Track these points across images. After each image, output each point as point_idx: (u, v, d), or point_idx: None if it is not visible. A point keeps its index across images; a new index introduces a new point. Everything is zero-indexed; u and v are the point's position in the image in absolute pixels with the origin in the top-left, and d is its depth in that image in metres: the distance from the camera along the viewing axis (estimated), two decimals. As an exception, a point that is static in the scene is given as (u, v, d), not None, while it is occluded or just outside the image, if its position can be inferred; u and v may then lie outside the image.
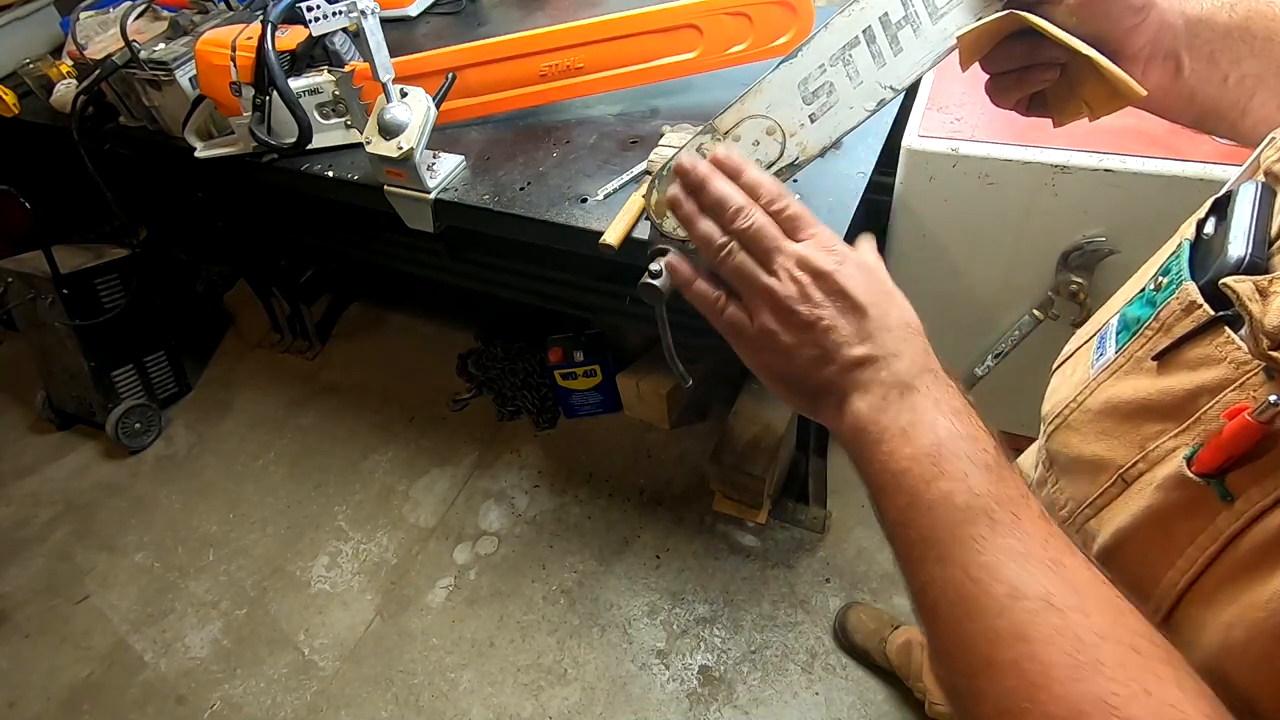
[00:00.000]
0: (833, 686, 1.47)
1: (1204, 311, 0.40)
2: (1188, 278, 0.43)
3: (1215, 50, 0.47)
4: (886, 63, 0.51)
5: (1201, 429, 0.40)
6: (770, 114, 0.53)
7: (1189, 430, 0.40)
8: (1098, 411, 0.48)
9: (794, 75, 0.52)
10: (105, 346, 2.03)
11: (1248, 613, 0.36)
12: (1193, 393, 0.40)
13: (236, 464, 2.08)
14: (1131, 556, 0.44)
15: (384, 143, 1.14)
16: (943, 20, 0.50)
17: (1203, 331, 0.40)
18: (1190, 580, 0.40)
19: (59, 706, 1.66)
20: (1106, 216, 1.15)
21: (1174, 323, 0.42)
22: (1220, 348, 0.39)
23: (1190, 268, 0.43)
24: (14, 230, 2.24)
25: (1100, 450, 0.46)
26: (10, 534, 2.00)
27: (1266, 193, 0.41)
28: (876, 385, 0.43)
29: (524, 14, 1.69)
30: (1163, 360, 0.43)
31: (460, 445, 2.01)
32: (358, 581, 1.78)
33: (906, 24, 0.50)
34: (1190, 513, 0.39)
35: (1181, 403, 0.41)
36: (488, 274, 1.63)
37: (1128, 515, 0.43)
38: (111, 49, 1.41)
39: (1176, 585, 0.40)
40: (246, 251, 2.09)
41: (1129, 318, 0.48)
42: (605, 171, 1.20)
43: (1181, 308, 0.42)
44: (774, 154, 0.54)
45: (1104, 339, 0.50)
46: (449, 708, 1.55)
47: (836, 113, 0.53)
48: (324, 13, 1.13)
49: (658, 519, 1.78)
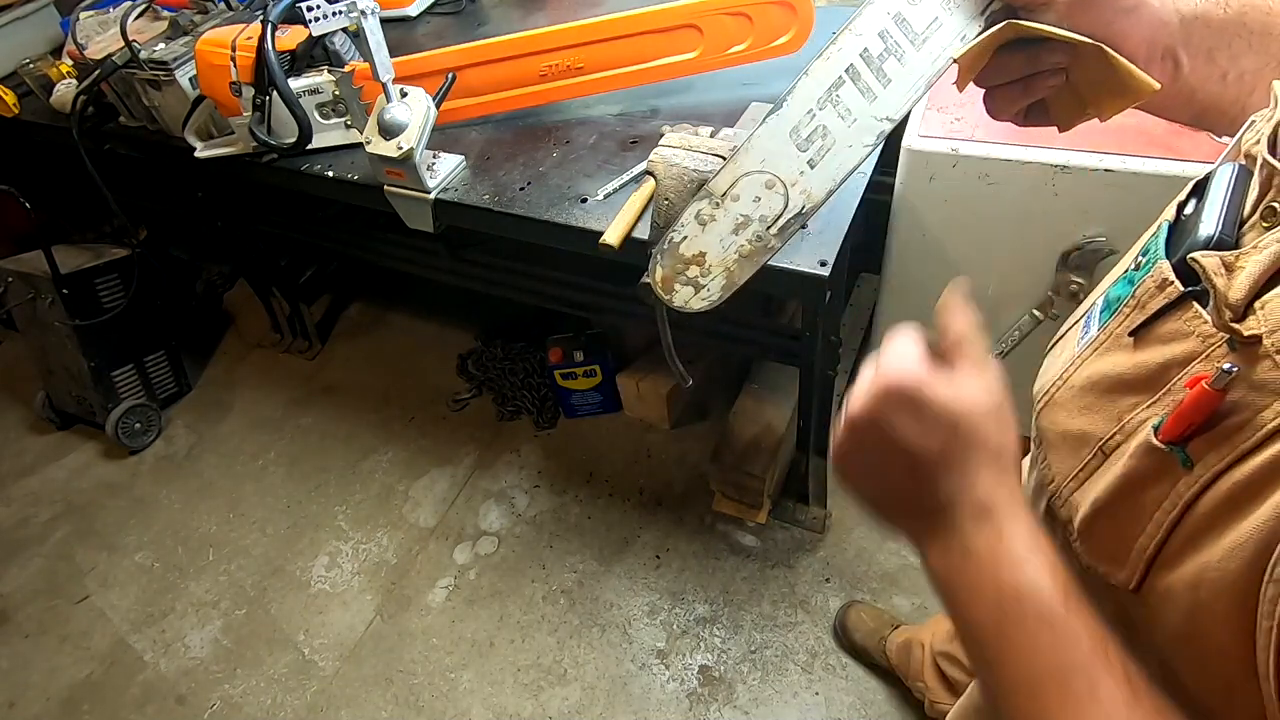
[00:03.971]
0: (833, 686, 1.47)
1: (1175, 288, 0.42)
2: (1162, 256, 0.44)
3: (1212, 47, 0.46)
4: (878, 96, 0.50)
5: (1170, 399, 0.41)
6: (766, 168, 0.52)
7: (1159, 401, 0.42)
8: (1080, 388, 0.48)
9: (783, 125, 0.51)
10: (105, 346, 2.03)
11: (1207, 573, 0.37)
12: (1164, 365, 0.41)
13: (236, 464, 2.08)
14: (1107, 526, 0.45)
15: (384, 143, 1.14)
16: (926, 45, 0.49)
17: (1174, 307, 0.42)
18: (1158, 546, 0.41)
19: (59, 706, 1.66)
20: (1106, 216, 1.15)
21: (1148, 299, 0.43)
22: (1189, 322, 0.40)
23: (1166, 247, 0.44)
24: (14, 230, 2.25)
25: (1083, 424, 0.47)
26: (10, 534, 2.00)
27: (1243, 173, 0.42)
28: (940, 534, 0.43)
29: (524, 14, 1.69)
30: (1138, 336, 0.44)
31: (460, 445, 2.01)
32: (358, 581, 1.78)
33: (890, 55, 0.49)
34: (1156, 480, 0.40)
35: (1154, 375, 0.42)
36: (488, 274, 1.63)
37: (1104, 486, 0.44)
38: (111, 49, 1.41)
39: (1146, 551, 0.41)
40: (246, 251, 2.09)
41: (1111, 297, 0.49)
42: (605, 171, 1.20)
43: (1155, 285, 0.43)
44: (778, 207, 0.53)
45: (1089, 319, 0.51)
46: (449, 708, 1.55)
47: (836, 154, 0.51)
48: (324, 13, 1.13)
49: (658, 519, 1.78)
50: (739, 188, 0.52)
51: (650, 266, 0.55)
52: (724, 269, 0.57)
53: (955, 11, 0.49)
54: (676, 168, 0.57)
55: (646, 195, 1.06)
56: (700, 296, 0.58)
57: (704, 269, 0.57)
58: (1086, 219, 1.16)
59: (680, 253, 0.56)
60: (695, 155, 0.58)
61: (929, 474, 0.42)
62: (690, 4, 1.19)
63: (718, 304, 0.59)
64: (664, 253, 0.55)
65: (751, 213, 0.53)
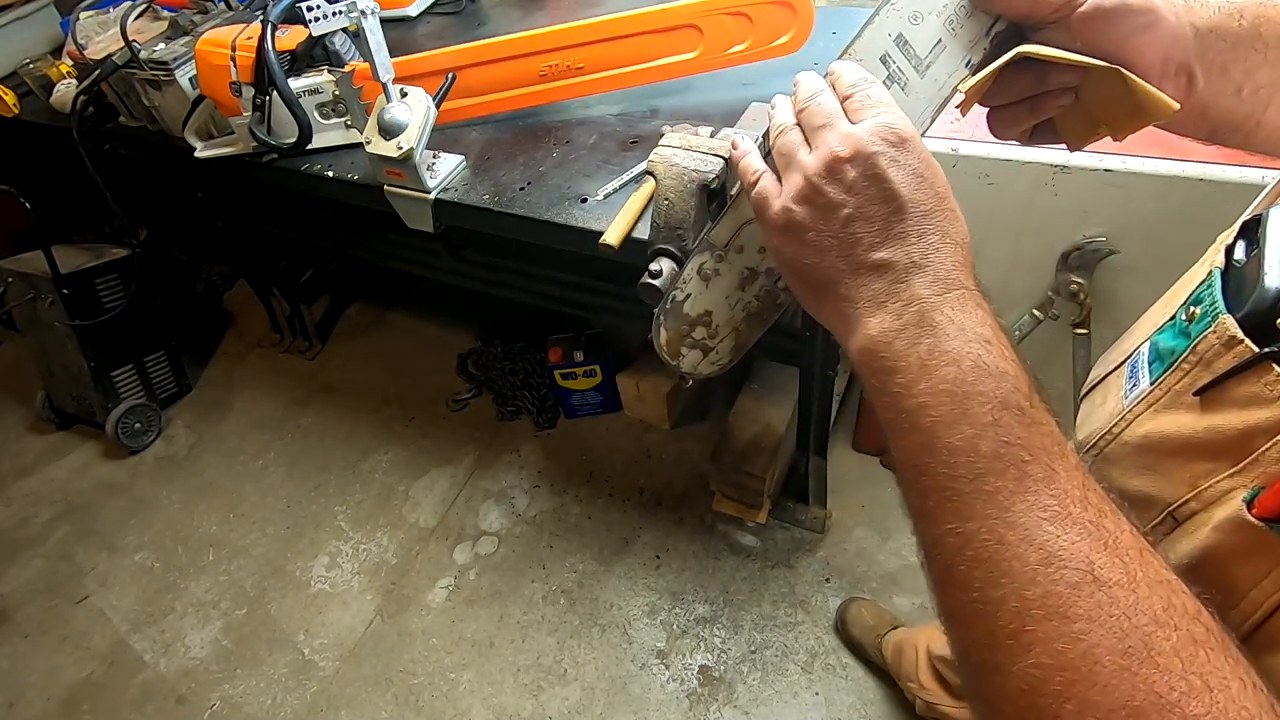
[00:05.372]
0: (833, 686, 1.47)
1: (1246, 348, 0.39)
2: (1224, 310, 0.41)
3: (1227, 61, 0.44)
4: None
5: (1260, 471, 0.38)
6: None
7: (1245, 472, 0.39)
8: (1137, 446, 0.46)
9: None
10: (105, 346, 2.03)
11: None
12: (1246, 433, 0.39)
13: (236, 464, 2.08)
14: None
15: (384, 143, 1.14)
16: (930, 71, 0.47)
17: (1247, 368, 0.39)
18: (1254, 626, 0.38)
19: (59, 706, 1.66)
20: (1106, 216, 1.15)
21: (1214, 357, 0.41)
22: (1270, 386, 0.38)
23: (1224, 298, 0.42)
24: (14, 230, 2.25)
25: (1145, 486, 0.45)
26: (10, 534, 2.00)
27: None
28: (893, 300, 0.38)
29: (524, 14, 1.69)
30: (1205, 396, 0.41)
31: (460, 445, 2.01)
32: (358, 581, 1.78)
33: (893, 83, 0.47)
34: (1253, 556, 0.38)
35: (1234, 442, 0.40)
36: (488, 274, 1.63)
37: (1181, 555, 0.42)
38: (111, 49, 1.41)
39: (1239, 629, 0.39)
40: (246, 251, 2.09)
41: (1162, 349, 0.46)
42: (605, 171, 1.20)
43: (1221, 342, 0.41)
44: None
45: (1135, 368, 0.49)
46: (449, 708, 1.55)
47: None
48: (324, 13, 1.13)
49: (658, 519, 1.77)
50: (743, 238, 0.49)
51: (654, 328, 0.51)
52: (731, 329, 0.53)
53: (959, 33, 0.47)
54: (676, 168, 0.56)
55: (646, 195, 1.06)
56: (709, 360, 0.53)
57: (711, 330, 0.53)
58: (1086, 219, 1.16)
59: (684, 312, 0.52)
60: (695, 155, 0.58)
61: (904, 230, 0.38)
62: (690, 4, 1.18)
63: (729, 367, 0.55)
64: (666, 313, 0.50)
65: (758, 265, 0.49)
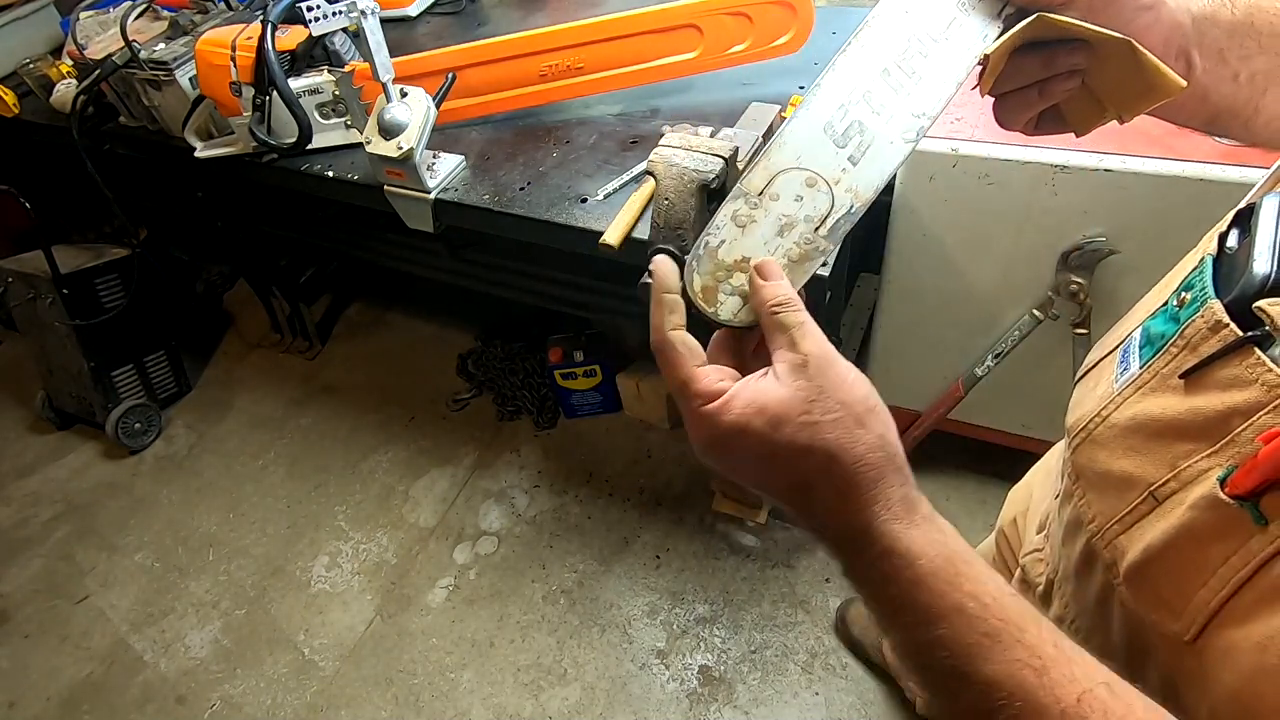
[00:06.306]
0: (833, 686, 1.47)
1: (1231, 331, 0.40)
2: (1212, 295, 0.42)
3: (1223, 48, 0.46)
4: (910, 92, 0.48)
5: (1235, 451, 0.39)
6: (804, 164, 0.49)
7: (1221, 451, 0.40)
8: (1124, 428, 0.47)
9: (815, 120, 0.49)
10: (105, 346, 2.03)
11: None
12: (1224, 414, 0.40)
13: (236, 464, 2.08)
14: (1162, 574, 0.44)
15: (384, 143, 1.14)
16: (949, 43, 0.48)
17: (1230, 351, 0.40)
18: (1222, 601, 0.39)
19: (59, 706, 1.66)
20: (1106, 216, 1.15)
21: (1200, 341, 0.42)
22: (1250, 369, 0.39)
23: (1214, 284, 0.43)
24: (14, 230, 2.25)
25: (1129, 467, 0.46)
26: (10, 534, 2.00)
27: None
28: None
29: (524, 14, 1.69)
30: (1190, 379, 0.42)
31: (460, 445, 2.01)
32: (358, 581, 1.78)
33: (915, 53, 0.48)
34: (1223, 534, 0.39)
35: (1213, 423, 0.41)
36: (488, 274, 1.63)
37: (1158, 533, 0.43)
38: (111, 49, 1.41)
39: (1208, 604, 0.40)
40: (246, 251, 2.09)
41: (1152, 333, 0.47)
42: (605, 171, 1.20)
43: (1207, 326, 0.42)
44: (824, 206, 0.49)
45: (1127, 353, 0.49)
46: (449, 708, 1.55)
47: (879, 150, 0.49)
48: (324, 13, 1.13)
49: (658, 519, 1.77)
50: (776, 185, 0.49)
51: (686, 275, 0.50)
52: None
53: (971, 13, 0.48)
54: (676, 168, 0.56)
55: (646, 195, 1.06)
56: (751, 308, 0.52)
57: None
58: (1086, 219, 1.17)
59: (720, 258, 0.51)
60: (695, 155, 0.57)
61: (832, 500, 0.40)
62: (690, 4, 1.19)
63: None
64: (700, 259, 0.50)
65: (795, 213, 0.49)
